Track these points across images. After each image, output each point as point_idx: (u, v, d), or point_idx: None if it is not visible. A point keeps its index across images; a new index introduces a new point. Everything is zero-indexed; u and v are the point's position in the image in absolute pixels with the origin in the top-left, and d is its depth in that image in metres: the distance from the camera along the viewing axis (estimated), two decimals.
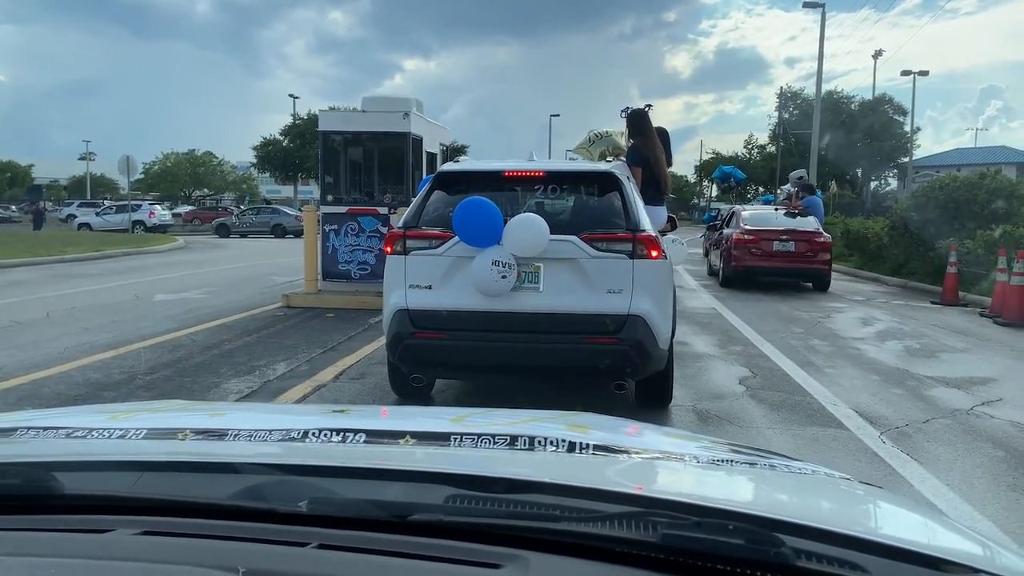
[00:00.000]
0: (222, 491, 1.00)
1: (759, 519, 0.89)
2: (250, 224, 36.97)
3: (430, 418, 1.83)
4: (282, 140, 54.09)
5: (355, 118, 12.10)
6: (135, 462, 1.13)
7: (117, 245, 23.95)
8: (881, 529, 1.11)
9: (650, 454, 1.31)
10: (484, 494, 0.97)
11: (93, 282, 14.56)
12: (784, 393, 6.25)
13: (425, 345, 5.12)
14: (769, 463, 1.26)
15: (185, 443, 1.23)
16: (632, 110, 7.15)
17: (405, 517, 0.93)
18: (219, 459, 1.16)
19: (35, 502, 1.02)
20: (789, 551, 0.83)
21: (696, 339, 8.70)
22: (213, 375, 6.65)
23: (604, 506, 0.93)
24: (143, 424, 1.30)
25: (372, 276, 10.92)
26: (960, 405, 5.99)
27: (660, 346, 5.07)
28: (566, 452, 1.19)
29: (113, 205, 42.53)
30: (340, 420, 1.44)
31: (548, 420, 1.49)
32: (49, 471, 1.05)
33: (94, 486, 1.05)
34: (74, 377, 6.50)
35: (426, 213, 5.32)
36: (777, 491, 1.20)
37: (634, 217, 5.14)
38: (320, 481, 1.03)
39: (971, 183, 15.30)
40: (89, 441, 1.22)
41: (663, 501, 0.95)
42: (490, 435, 1.23)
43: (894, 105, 53.23)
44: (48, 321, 9.60)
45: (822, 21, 30.45)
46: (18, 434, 1.24)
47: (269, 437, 1.23)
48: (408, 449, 1.24)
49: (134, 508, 0.99)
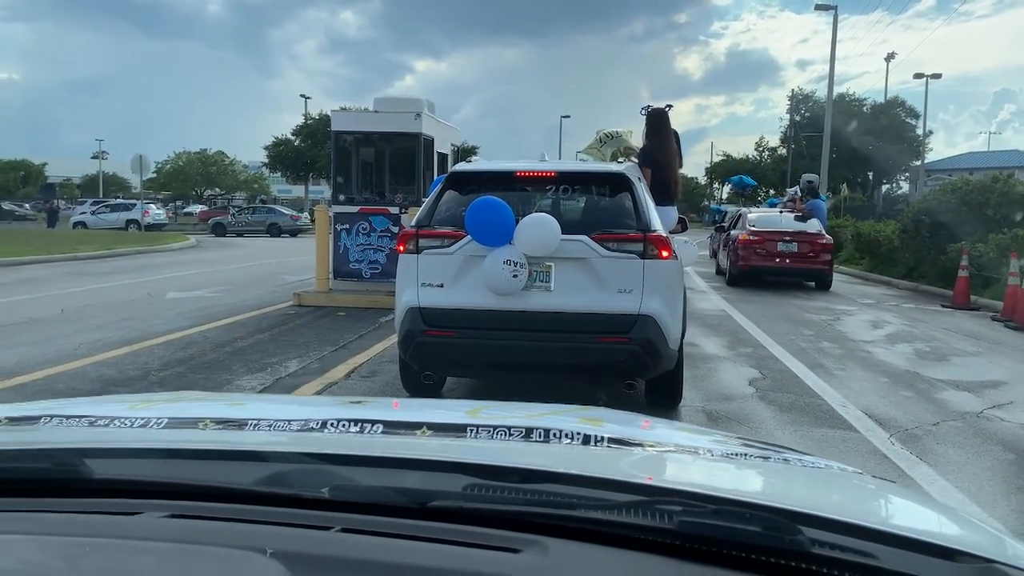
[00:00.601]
0: (245, 478, 1.02)
1: (774, 509, 0.90)
2: (246, 223, 36.95)
3: (446, 410, 1.84)
4: (294, 140, 54.26)
5: (367, 118, 12.16)
6: (160, 449, 1.14)
7: (129, 243, 24.12)
8: (894, 521, 1.11)
9: (664, 447, 1.32)
10: (501, 483, 0.98)
11: (106, 280, 14.68)
12: (794, 395, 6.26)
13: (436, 343, 5.16)
14: (783, 457, 1.27)
15: (206, 432, 1.24)
16: (652, 109, 7.13)
17: (425, 503, 0.94)
18: (241, 447, 1.18)
19: (63, 486, 1.03)
20: (805, 539, 0.83)
21: (706, 340, 8.71)
22: (226, 372, 6.71)
23: (620, 495, 0.94)
24: (164, 413, 1.32)
25: (383, 275, 10.97)
26: (970, 408, 5.98)
27: (670, 346, 5.08)
28: (581, 444, 1.19)
29: (108, 203, 42.59)
30: (358, 411, 1.45)
31: (563, 413, 1.51)
32: (77, 456, 1.07)
33: (120, 471, 1.07)
34: (88, 373, 6.57)
35: (438, 212, 5.35)
36: (791, 483, 1.21)
37: (645, 217, 5.16)
38: (341, 469, 1.04)
39: (984, 186, 15.25)
40: (112, 429, 1.23)
41: (678, 491, 0.96)
42: (506, 427, 1.24)
43: (906, 108, 53.04)
44: (62, 318, 9.68)
45: (834, 23, 30.44)
46: (42, 422, 1.26)
47: (288, 427, 1.24)
48: (425, 440, 1.25)
49: (160, 493, 1.00)
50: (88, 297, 11.81)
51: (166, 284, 13.85)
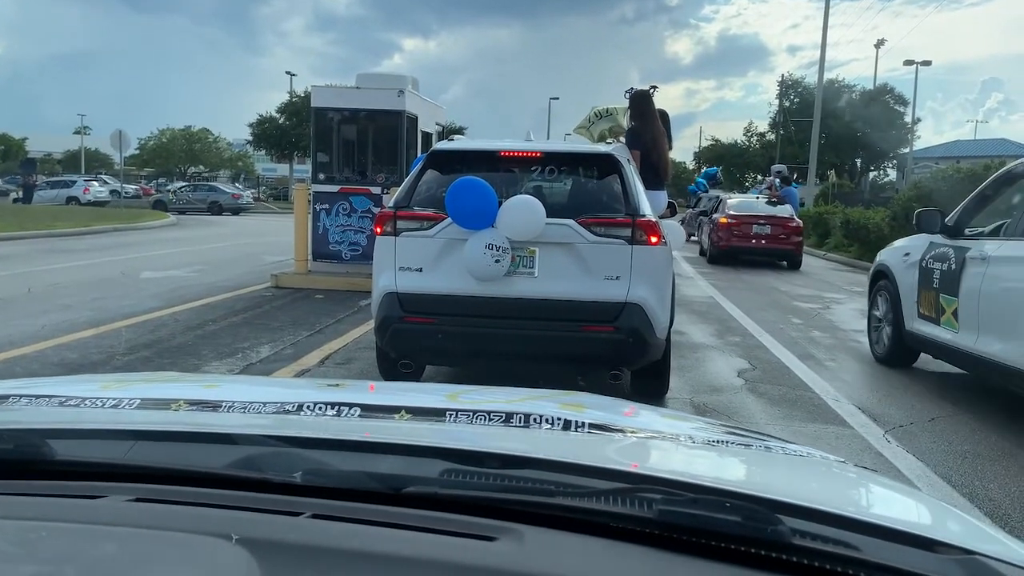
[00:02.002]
0: (216, 461, 1.00)
1: (754, 498, 0.88)
2: (187, 201, 36.74)
3: (425, 394, 1.82)
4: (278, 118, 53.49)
5: (349, 94, 11.76)
6: (129, 431, 1.11)
7: (107, 221, 23.64)
8: (875, 511, 1.10)
9: (645, 433, 1.31)
10: (479, 469, 0.97)
11: (80, 257, 14.30)
12: (784, 387, 6.05)
13: (414, 330, 4.97)
14: (764, 445, 1.26)
15: (179, 414, 1.22)
16: (635, 91, 6.93)
17: (400, 489, 0.92)
18: (213, 429, 1.15)
19: (27, 468, 1.00)
20: (785, 529, 0.82)
21: (693, 328, 8.49)
22: (194, 357, 6.43)
23: (599, 483, 0.93)
24: (136, 394, 1.29)
25: (363, 257, 10.65)
26: None
27: (658, 335, 4.92)
28: (561, 430, 1.18)
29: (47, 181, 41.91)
30: (335, 394, 1.40)
31: (544, 398, 1.48)
32: (42, 437, 1.05)
33: (87, 453, 1.05)
34: (49, 356, 6.27)
35: (418, 193, 5.15)
36: (772, 472, 1.20)
37: (634, 201, 4.97)
38: (315, 453, 1.02)
39: (975, 175, 15.08)
40: (82, 410, 1.20)
41: (658, 479, 0.94)
42: (485, 412, 1.23)
43: (895, 95, 52.90)
44: (29, 297, 9.35)
45: (826, 8, 30.11)
46: (11, 401, 1.23)
47: (263, 409, 1.22)
48: (403, 424, 1.24)
49: (127, 476, 0.98)
50: (60, 275, 11.45)
51: (142, 263, 13.48)
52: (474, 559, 0.80)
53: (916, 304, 6.29)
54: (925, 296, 6.14)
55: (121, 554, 0.79)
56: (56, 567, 0.75)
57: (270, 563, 0.75)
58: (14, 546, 0.80)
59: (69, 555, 0.77)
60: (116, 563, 0.77)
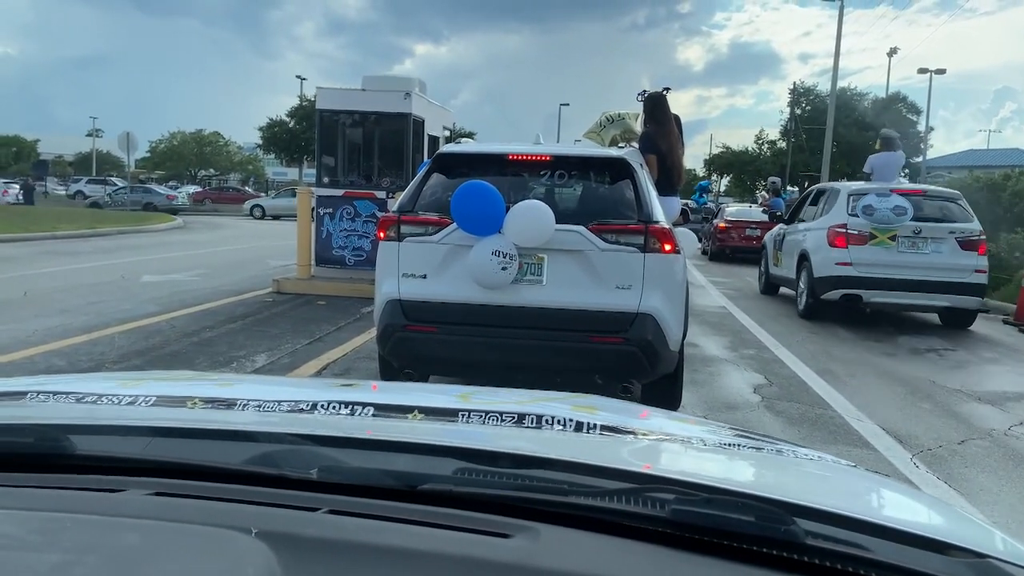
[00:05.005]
0: (233, 457, 1.01)
1: (767, 499, 0.88)
2: (121, 202, 36.57)
3: (437, 394, 1.81)
4: (288, 122, 53.47)
5: (355, 97, 11.50)
6: (146, 427, 1.12)
7: (112, 223, 23.49)
8: (888, 514, 1.10)
9: (657, 436, 1.32)
10: (493, 468, 0.98)
11: (81, 260, 14.11)
12: (803, 405, 5.76)
13: (417, 338, 4.77)
14: (776, 448, 1.26)
15: (194, 411, 1.22)
16: (649, 93, 6.66)
17: (415, 487, 0.93)
18: (229, 427, 1.16)
19: (48, 462, 1.02)
20: (799, 530, 0.82)
21: (706, 340, 8.21)
22: (187, 365, 6.19)
23: (612, 482, 0.93)
24: (152, 391, 1.29)
25: (367, 263, 10.41)
26: (996, 424, 5.50)
27: (670, 347, 4.69)
28: (573, 431, 1.19)
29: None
30: (348, 393, 1.40)
31: (556, 400, 1.48)
32: (62, 432, 1.06)
33: (106, 448, 1.06)
34: (37, 364, 6.04)
35: (423, 197, 4.94)
36: (784, 474, 1.20)
37: (647, 207, 4.74)
38: (330, 450, 1.03)
39: (995, 184, 14.78)
40: (99, 406, 1.21)
41: (671, 479, 0.95)
42: (498, 412, 1.23)
43: (908, 104, 52.45)
44: (24, 301, 9.13)
45: (839, 15, 29.82)
46: (28, 398, 1.24)
47: (278, 408, 1.23)
48: (416, 423, 1.24)
49: (145, 470, 0.99)
50: (59, 278, 11.24)
51: (143, 266, 13.27)
52: (489, 555, 0.80)
53: (772, 258, 12.02)
54: (775, 254, 11.87)
55: (143, 545, 0.79)
56: (78, 556, 0.75)
57: (289, 556, 0.76)
58: (39, 536, 0.81)
59: (92, 546, 0.78)
60: (138, 553, 0.77)
